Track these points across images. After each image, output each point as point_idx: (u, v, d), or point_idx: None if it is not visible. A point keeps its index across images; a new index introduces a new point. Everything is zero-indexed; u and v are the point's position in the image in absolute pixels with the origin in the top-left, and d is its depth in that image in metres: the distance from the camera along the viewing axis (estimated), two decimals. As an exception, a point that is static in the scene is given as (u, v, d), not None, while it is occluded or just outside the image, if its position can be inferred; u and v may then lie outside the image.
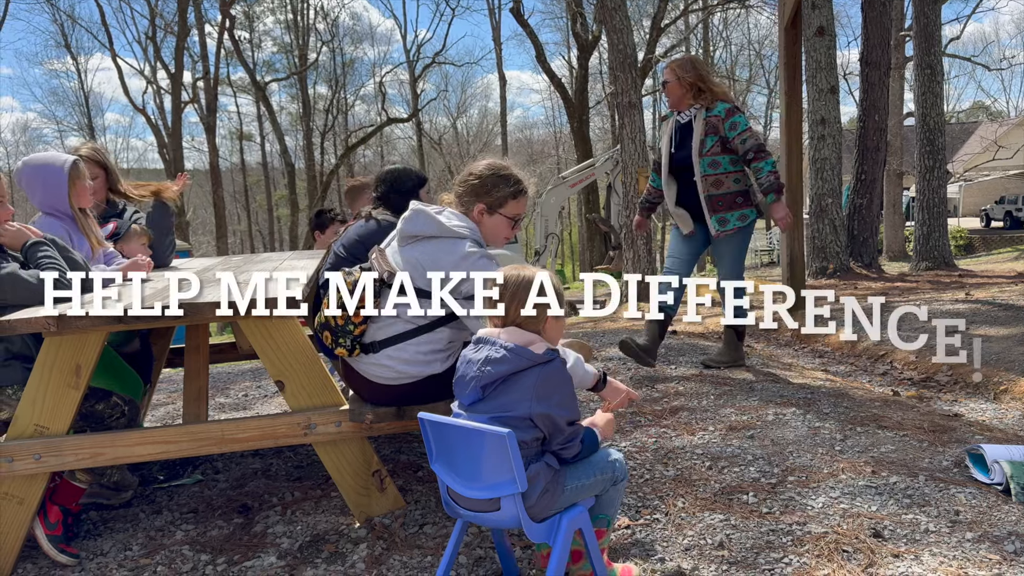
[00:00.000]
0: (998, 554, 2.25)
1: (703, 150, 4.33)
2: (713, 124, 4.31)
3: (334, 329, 2.59)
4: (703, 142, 4.33)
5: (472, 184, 2.64)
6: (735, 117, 4.28)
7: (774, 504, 2.67)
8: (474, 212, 2.63)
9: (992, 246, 24.28)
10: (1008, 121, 34.78)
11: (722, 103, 4.32)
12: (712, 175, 4.34)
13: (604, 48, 19.45)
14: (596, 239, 24.06)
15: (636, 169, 10.43)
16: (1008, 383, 4.09)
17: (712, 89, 4.38)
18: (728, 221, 4.40)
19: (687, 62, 4.51)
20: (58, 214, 3.06)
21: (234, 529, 2.79)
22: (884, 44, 12.06)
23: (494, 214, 2.64)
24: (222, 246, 27.77)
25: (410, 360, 2.59)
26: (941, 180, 12.60)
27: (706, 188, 4.37)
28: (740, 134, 4.26)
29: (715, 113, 4.31)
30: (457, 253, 2.50)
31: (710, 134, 4.32)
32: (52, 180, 3.03)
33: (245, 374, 5.69)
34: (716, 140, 4.32)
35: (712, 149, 4.32)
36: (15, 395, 2.61)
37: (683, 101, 4.43)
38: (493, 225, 2.65)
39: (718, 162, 4.33)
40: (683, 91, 4.39)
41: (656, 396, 4.15)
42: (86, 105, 37.84)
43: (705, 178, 4.35)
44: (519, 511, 1.93)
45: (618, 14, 10.36)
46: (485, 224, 2.64)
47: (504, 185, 2.64)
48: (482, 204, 2.63)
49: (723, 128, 4.29)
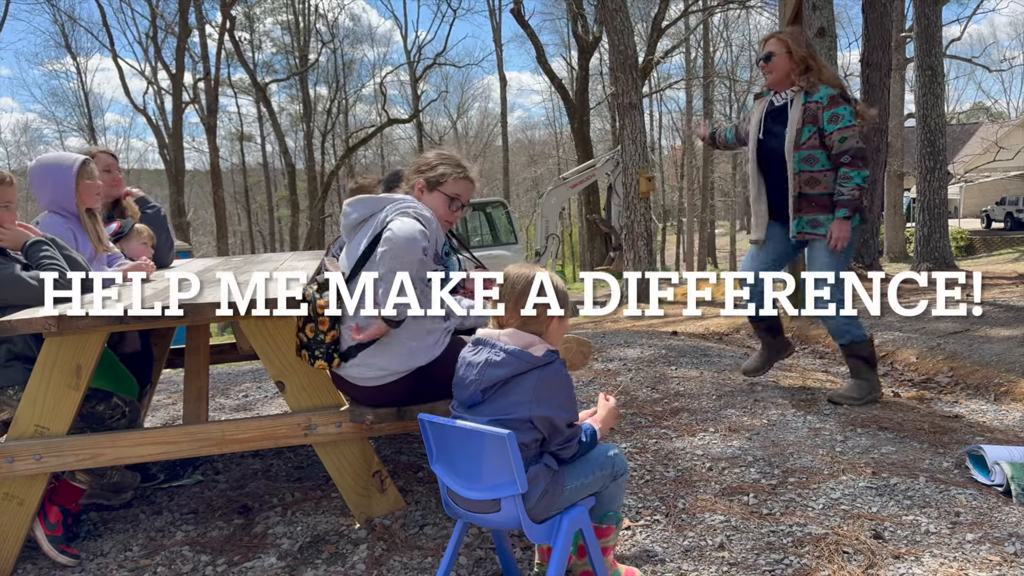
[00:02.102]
0: (999, 555, 2.25)
1: (798, 141, 3.69)
2: (812, 112, 3.67)
3: (308, 344, 2.58)
4: (799, 132, 3.68)
5: (418, 165, 2.73)
6: (839, 108, 3.63)
7: (775, 505, 2.67)
8: (415, 190, 2.68)
9: (993, 247, 24.27)
10: (1009, 122, 34.78)
11: (826, 88, 3.67)
12: (808, 172, 3.69)
13: (605, 49, 19.46)
14: (597, 240, 24.04)
15: (637, 170, 10.44)
16: (1009, 384, 4.09)
17: (821, 70, 3.74)
18: (821, 224, 3.72)
19: (799, 34, 3.83)
20: (64, 213, 3.07)
21: (234, 530, 2.79)
22: (885, 45, 12.05)
23: (433, 191, 2.67)
24: (223, 247, 27.76)
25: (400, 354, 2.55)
26: (942, 181, 12.58)
27: (799, 186, 3.73)
28: (840, 129, 3.61)
29: (816, 99, 3.67)
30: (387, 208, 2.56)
31: (808, 124, 3.67)
32: (60, 179, 3.05)
33: (245, 375, 5.69)
34: (814, 131, 3.66)
35: (809, 142, 3.67)
36: (16, 396, 2.61)
37: (788, 79, 3.76)
38: (431, 202, 2.66)
39: (815, 157, 3.68)
40: (792, 66, 3.72)
41: (656, 397, 4.15)
42: (86, 105, 37.84)
43: (799, 176, 3.71)
44: (519, 512, 1.93)
45: (619, 15, 10.37)
46: (425, 201, 2.66)
47: (446, 165, 2.70)
48: (422, 180, 2.67)
49: (822, 118, 3.65)
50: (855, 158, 3.60)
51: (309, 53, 35.94)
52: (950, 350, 4.78)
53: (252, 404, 4.80)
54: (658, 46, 27.47)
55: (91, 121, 37.84)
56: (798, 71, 3.72)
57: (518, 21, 24.85)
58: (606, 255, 16.84)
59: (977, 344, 4.83)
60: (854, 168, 3.60)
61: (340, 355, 2.58)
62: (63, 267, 2.66)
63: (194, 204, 40.54)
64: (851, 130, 3.61)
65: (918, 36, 12.37)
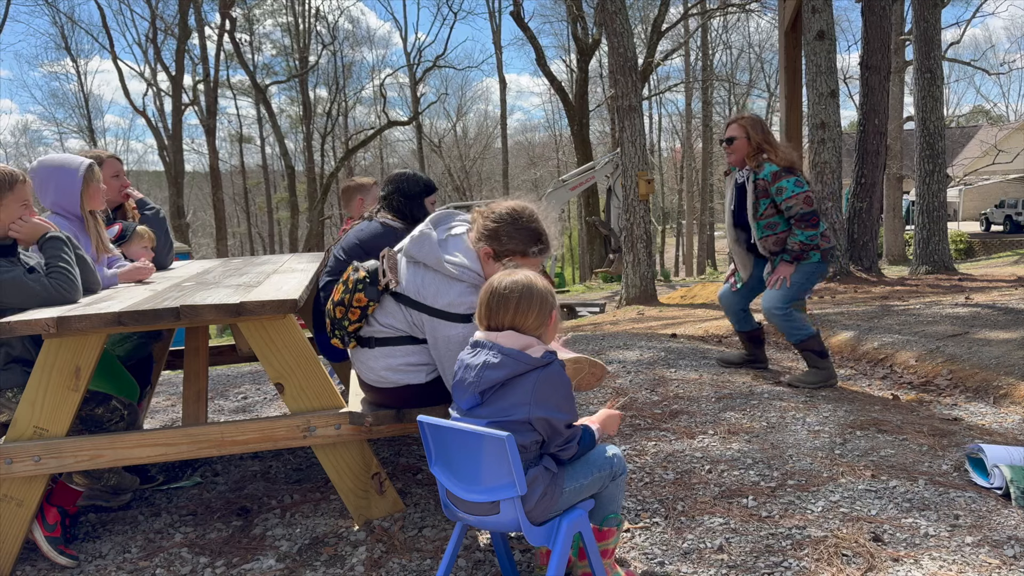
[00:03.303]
0: (998, 558, 2.25)
1: (756, 214, 4.29)
2: (763, 187, 4.24)
3: (333, 320, 2.63)
4: (755, 205, 4.28)
5: (489, 225, 2.47)
6: (781, 182, 4.17)
7: (774, 508, 2.67)
8: (481, 252, 2.49)
9: (992, 250, 24.30)
10: (1008, 125, 34.83)
11: (769, 165, 4.21)
12: (771, 235, 4.30)
13: (604, 52, 19.46)
14: (596, 242, 24.06)
15: (636, 172, 10.44)
16: (1008, 387, 4.09)
17: (776, 151, 4.26)
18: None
19: (757, 121, 4.35)
20: (67, 215, 3.07)
21: (233, 532, 2.79)
22: (884, 48, 12.08)
23: (499, 261, 2.45)
24: (222, 248, 27.77)
25: (394, 368, 2.60)
26: (941, 184, 12.61)
27: (767, 248, 4.34)
28: (785, 200, 4.17)
29: (762, 176, 4.22)
30: (447, 293, 2.46)
31: (761, 198, 4.26)
32: (66, 181, 3.05)
33: (245, 376, 5.69)
34: (768, 203, 4.25)
35: (766, 212, 4.27)
36: (15, 398, 2.61)
37: (745, 161, 4.33)
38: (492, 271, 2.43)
39: (774, 223, 4.27)
40: (749, 149, 4.29)
41: (656, 399, 4.15)
42: (86, 107, 37.88)
43: (764, 240, 4.32)
44: (519, 515, 1.93)
45: (619, 18, 10.38)
46: (489, 267, 2.47)
47: (516, 240, 2.44)
48: (489, 248, 2.46)
49: (771, 192, 4.22)
50: (800, 221, 4.20)
51: (309, 55, 35.96)
52: (949, 353, 4.79)
53: (251, 406, 4.80)
54: (658, 49, 27.53)
55: (91, 123, 37.87)
56: (752, 153, 4.31)
57: (518, 23, 24.91)
58: (605, 257, 16.86)
59: (976, 347, 4.83)
60: (799, 227, 4.21)
61: (359, 340, 2.65)
62: (71, 271, 2.66)
63: (193, 206, 40.54)
64: (795, 198, 4.18)
65: (917, 39, 12.41)
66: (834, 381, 4.39)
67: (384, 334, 2.59)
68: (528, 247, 2.45)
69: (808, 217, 4.17)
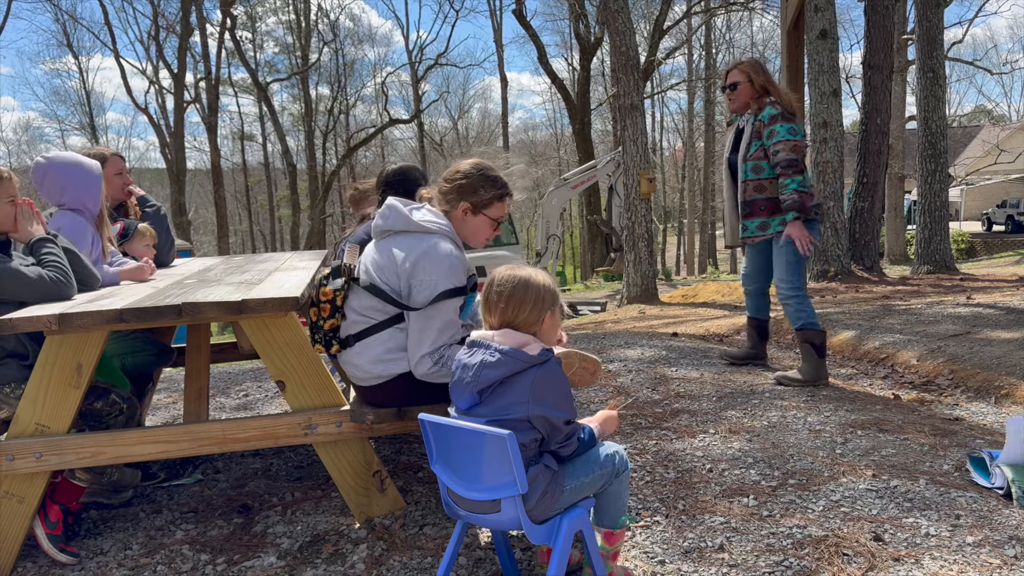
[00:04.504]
0: (999, 558, 2.25)
1: (746, 154, 4.22)
2: (758, 129, 4.18)
3: (311, 324, 2.65)
4: (748, 145, 4.21)
5: (459, 183, 2.63)
6: (775, 125, 4.10)
7: (775, 507, 2.67)
8: (458, 211, 2.62)
9: (994, 250, 24.27)
10: (1010, 125, 34.80)
11: (770, 108, 4.13)
12: (755, 179, 4.21)
13: (606, 50, 19.46)
14: (597, 241, 24.06)
15: (638, 171, 10.43)
16: (1009, 387, 4.09)
17: (780, 94, 4.20)
18: (769, 225, 4.23)
19: (758, 65, 4.31)
20: (86, 211, 3.08)
21: (234, 529, 2.79)
22: (886, 47, 12.06)
23: (478, 214, 2.63)
24: (223, 246, 27.78)
25: (377, 358, 2.58)
26: (943, 184, 12.59)
27: (746, 192, 4.25)
28: (774, 144, 4.09)
29: (760, 118, 4.16)
30: (423, 247, 2.52)
31: (755, 139, 4.19)
32: (85, 178, 3.08)
33: (246, 374, 5.69)
34: (760, 144, 4.18)
35: (755, 153, 4.19)
36: (12, 393, 2.62)
37: (749, 105, 4.26)
38: (476, 225, 2.65)
39: (761, 167, 4.19)
40: (752, 92, 4.22)
41: (657, 398, 4.15)
42: (88, 104, 37.96)
43: (746, 183, 4.24)
44: (519, 513, 1.93)
45: (621, 16, 10.37)
46: (468, 223, 2.64)
47: (491, 187, 2.63)
48: (467, 203, 2.61)
49: (764, 134, 4.15)
50: (786, 168, 4.06)
51: (311, 53, 35.96)
52: (951, 352, 4.78)
53: (252, 403, 4.81)
54: (660, 47, 27.52)
55: (92, 120, 37.95)
56: (755, 96, 4.22)
57: (520, 22, 24.89)
58: (607, 256, 16.83)
59: (978, 347, 4.83)
60: (786, 176, 4.06)
61: (340, 342, 2.64)
62: (64, 266, 2.66)
63: (195, 203, 40.57)
64: (783, 144, 4.06)
65: (920, 38, 12.38)
66: (823, 382, 4.31)
67: (361, 325, 2.59)
68: (504, 192, 2.66)
69: (792, 164, 4.06)
